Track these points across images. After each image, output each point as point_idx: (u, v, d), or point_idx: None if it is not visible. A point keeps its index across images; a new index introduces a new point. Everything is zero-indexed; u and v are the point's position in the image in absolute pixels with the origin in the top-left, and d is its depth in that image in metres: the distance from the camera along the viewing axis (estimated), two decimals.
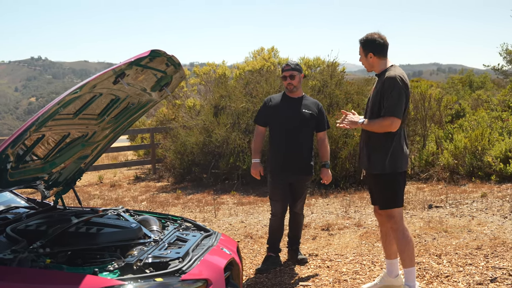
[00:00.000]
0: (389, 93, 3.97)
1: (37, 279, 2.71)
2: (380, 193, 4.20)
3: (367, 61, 4.22)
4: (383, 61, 4.18)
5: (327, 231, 6.61)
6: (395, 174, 4.10)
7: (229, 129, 11.12)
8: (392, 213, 4.13)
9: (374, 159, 4.13)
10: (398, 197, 4.14)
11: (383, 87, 4.03)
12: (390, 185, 4.11)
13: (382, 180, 4.14)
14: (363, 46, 4.20)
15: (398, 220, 4.13)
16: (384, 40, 4.16)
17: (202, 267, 3.10)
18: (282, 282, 4.89)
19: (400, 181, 4.16)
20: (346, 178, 9.87)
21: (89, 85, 2.94)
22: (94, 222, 3.47)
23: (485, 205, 7.32)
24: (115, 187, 11.93)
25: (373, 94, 4.19)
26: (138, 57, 3.02)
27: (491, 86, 29.82)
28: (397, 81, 3.98)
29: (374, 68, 4.23)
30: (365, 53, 4.20)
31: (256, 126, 5.46)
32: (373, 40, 4.15)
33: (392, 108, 3.96)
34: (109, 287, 2.70)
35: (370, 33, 4.20)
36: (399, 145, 4.10)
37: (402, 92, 3.99)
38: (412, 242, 4.17)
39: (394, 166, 4.08)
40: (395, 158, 4.08)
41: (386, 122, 3.98)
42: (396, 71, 4.07)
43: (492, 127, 10.49)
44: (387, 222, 4.23)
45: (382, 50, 4.16)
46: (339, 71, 12.49)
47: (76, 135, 3.74)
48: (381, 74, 4.16)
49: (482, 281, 4.51)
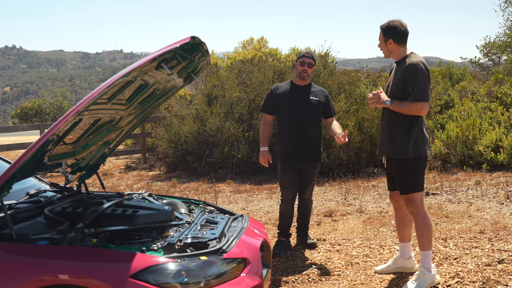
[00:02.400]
0: (414, 79, 4.08)
1: (90, 257, 2.79)
2: (402, 179, 4.30)
3: (386, 47, 4.33)
4: (402, 48, 4.29)
5: (330, 217, 6.75)
6: (417, 159, 4.22)
7: (223, 119, 11.19)
8: (412, 198, 4.25)
9: (398, 145, 4.22)
10: (419, 182, 4.26)
11: (405, 74, 4.14)
12: (413, 170, 4.23)
13: (404, 166, 4.24)
14: (384, 32, 4.30)
15: (419, 204, 4.26)
16: (405, 27, 4.27)
17: (240, 246, 3.21)
18: (296, 265, 5.03)
19: (422, 166, 4.28)
20: (340, 167, 10.04)
21: (137, 70, 3.00)
22: (128, 204, 3.55)
23: (480, 192, 7.55)
24: (107, 176, 11.95)
25: (394, 81, 4.29)
26: (181, 43, 3.09)
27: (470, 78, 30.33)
28: (420, 66, 4.10)
29: (393, 55, 4.33)
30: (385, 39, 4.30)
31: (264, 115, 5.53)
32: (394, 27, 4.25)
33: (421, 93, 4.08)
34: (158, 264, 2.79)
35: (392, 20, 4.30)
36: (420, 130, 4.22)
37: (425, 77, 4.12)
38: (431, 226, 4.31)
39: (417, 151, 4.20)
40: (418, 143, 4.20)
41: (417, 106, 4.08)
42: (417, 58, 4.19)
43: (482, 118, 10.75)
44: (407, 206, 4.35)
45: (402, 37, 4.27)
46: (330, 62, 12.66)
47: (105, 120, 3.80)
48: (401, 61, 4.28)
49: (490, 263, 4.69)
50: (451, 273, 4.54)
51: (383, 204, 7.35)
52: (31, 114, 30.99)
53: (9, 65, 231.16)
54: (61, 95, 35.00)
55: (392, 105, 4.20)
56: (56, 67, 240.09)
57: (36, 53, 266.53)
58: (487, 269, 4.56)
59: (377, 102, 4.29)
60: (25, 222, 3.27)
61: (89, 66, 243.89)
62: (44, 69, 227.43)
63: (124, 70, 2.89)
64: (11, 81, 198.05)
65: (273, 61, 12.82)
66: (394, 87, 4.29)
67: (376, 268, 4.77)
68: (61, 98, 33.24)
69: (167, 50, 3.03)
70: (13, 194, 3.75)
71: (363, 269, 4.83)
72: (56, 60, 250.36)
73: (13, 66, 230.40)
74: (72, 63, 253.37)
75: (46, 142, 2.87)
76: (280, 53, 14.39)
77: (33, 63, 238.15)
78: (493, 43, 27.79)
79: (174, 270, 2.80)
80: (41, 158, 3.19)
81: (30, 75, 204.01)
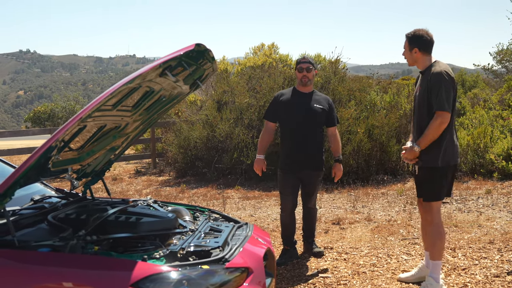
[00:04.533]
0: (437, 88, 4.06)
1: (91, 265, 2.77)
2: (428, 186, 4.28)
3: (411, 56, 4.31)
4: (427, 57, 4.27)
5: (338, 225, 6.71)
6: (446, 168, 4.20)
7: (233, 124, 11.18)
8: (430, 206, 4.25)
9: (429, 153, 4.19)
10: (441, 191, 4.25)
11: (429, 83, 4.13)
12: (439, 178, 4.21)
13: (433, 174, 4.22)
14: (409, 40, 4.29)
15: (435, 213, 4.25)
16: (431, 37, 4.26)
17: (244, 255, 3.18)
18: (301, 274, 4.99)
19: (449, 174, 4.27)
20: (349, 174, 9.98)
21: (141, 77, 2.99)
22: (132, 211, 3.54)
23: (490, 201, 7.47)
24: (117, 181, 11.96)
25: (420, 92, 4.28)
26: (185, 50, 3.07)
27: (483, 85, 30.10)
28: (444, 76, 4.08)
29: (417, 64, 4.32)
30: (410, 47, 4.28)
31: (266, 122, 5.45)
32: (420, 36, 4.24)
33: (441, 103, 4.05)
34: (160, 273, 2.76)
35: (418, 28, 4.29)
36: (451, 138, 4.20)
37: (449, 87, 4.09)
38: (445, 237, 4.28)
39: (447, 160, 4.18)
40: (448, 152, 4.18)
41: (436, 122, 4.06)
42: (442, 66, 4.17)
43: (493, 125, 10.65)
44: (423, 213, 4.35)
45: (427, 47, 4.25)
46: (341, 68, 12.59)
47: (111, 127, 3.80)
48: (426, 70, 4.26)
49: (499, 274, 4.63)
50: (459, 284, 4.48)
51: (391, 212, 7.29)
52: (43, 118, 31.27)
53: (23, 69, 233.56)
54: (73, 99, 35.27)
55: (421, 145, 4.19)
56: (69, 71, 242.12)
57: (50, 57, 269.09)
58: (496, 280, 4.50)
59: (409, 154, 4.28)
60: (28, 229, 3.26)
61: (102, 70, 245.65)
62: (57, 73, 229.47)
63: (127, 78, 2.88)
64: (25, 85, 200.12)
65: (283, 67, 12.79)
66: (418, 99, 4.28)
67: (400, 276, 4.73)
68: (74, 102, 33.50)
69: (171, 57, 3.02)
70: (17, 199, 3.76)
71: (369, 278, 4.78)
72: (69, 65, 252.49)
73: (27, 70, 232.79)
74: (85, 68, 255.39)
75: (49, 148, 2.86)
76: (290, 59, 14.34)
77: (47, 67, 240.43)
78: (506, 50, 27.56)
79: (175, 279, 2.77)
80: (44, 164, 3.18)
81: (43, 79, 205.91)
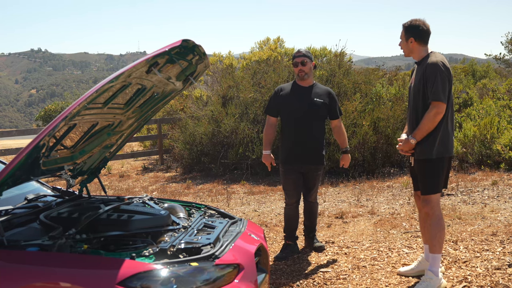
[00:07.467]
0: (433, 79, 4.02)
1: (79, 264, 2.77)
2: (423, 179, 4.24)
3: (407, 46, 4.27)
4: (423, 48, 4.23)
5: (341, 219, 6.67)
6: (440, 160, 4.15)
7: (238, 119, 11.16)
8: (429, 198, 4.20)
9: (424, 145, 4.15)
10: (439, 183, 4.20)
11: (425, 74, 4.09)
12: (434, 170, 4.16)
13: (427, 166, 4.18)
14: (405, 30, 4.25)
15: (435, 205, 4.20)
16: (428, 27, 4.21)
17: (234, 252, 3.16)
18: (302, 269, 4.97)
19: (444, 167, 4.21)
20: (355, 168, 9.93)
21: (125, 75, 2.98)
22: (124, 209, 3.53)
23: (496, 193, 7.39)
24: (124, 178, 12.00)
25: (415, 82, 4.23)
26: (170, 46, 3.06)
27: (494, 75, 29.80)
28: (440, 66, 4.04)
29: (413, 54, 4.28)
30: (407, 37, 4.24)
31: (267, 117, 5.43)
32: (416, 26, 4.20)
33: (437, 93, 4.01)
34: (147, 271, 2.76)
35: (415, 18, 4.25)
36: (446, 130, 4.14)
37: (445, 77, 4.04)
38: (444, 229, 4.23)
39: (441, 151, 4.13)
40: (443, 144, 4.13)
41: (432, 112, 4.02)
42: (437, 57, 4.12)
43: (501, 116, 10.54)
44: (422, 206, 4.29)
45: (424, 37, 4.21)
46: (346, 61, 12.53)
47: (103, 125, 3.80)
48: (421, 61, 4.22)
49: (500, 266, 4.57)
50: (459, 277, 4.43)
51: (395, 205, 7.24)
52: (54, 116, 31.44)
53: (35, 68, 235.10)
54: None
55: (417, 136, 4.15)
56: (80, 69, 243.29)
57: (61, 56, 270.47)
58: (497, 273, 4.44)
59: (405, 146, 4.25)
60: (19, 228, 3.27)
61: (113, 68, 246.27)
62: (69, 72, 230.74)
63: (110, 76, 2.87)
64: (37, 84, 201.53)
65: (288, 61, 12.73)
66: (414, 90, 4.24)
67: (399, 270, 4.69)
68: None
69: (157, 54, 3.01)
70: (11, 199, 3.78)
71: (369, 272, 4.74)
72: (80, 63, 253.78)
73: (39, 69, 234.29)
74: (96, 65, 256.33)
75: (35, 148, 2.85)
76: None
77: (58, 65, 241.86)
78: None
79: (163, 277, 2.76)
80: (34, 163, 3.18)
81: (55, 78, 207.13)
